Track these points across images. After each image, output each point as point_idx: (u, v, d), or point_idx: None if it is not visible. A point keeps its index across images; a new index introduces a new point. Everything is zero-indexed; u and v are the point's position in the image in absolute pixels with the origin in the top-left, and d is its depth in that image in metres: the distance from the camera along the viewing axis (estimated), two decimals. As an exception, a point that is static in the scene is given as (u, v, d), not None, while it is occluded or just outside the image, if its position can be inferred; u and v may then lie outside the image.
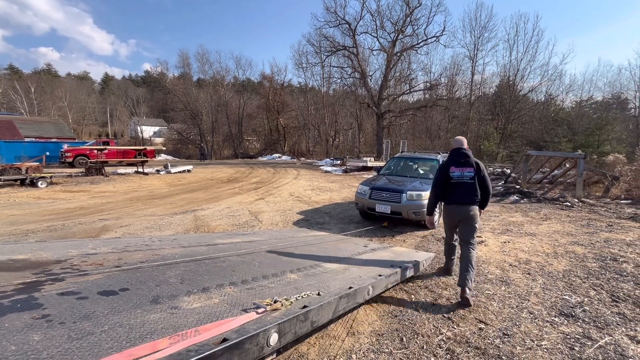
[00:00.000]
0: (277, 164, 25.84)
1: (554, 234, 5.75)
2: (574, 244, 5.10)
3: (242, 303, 1.76)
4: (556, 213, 7.74)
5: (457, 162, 3.46)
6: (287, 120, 42.37)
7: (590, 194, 10.06)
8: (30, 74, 65.17)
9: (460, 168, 3.43)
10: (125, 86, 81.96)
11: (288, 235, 4.64)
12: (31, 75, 62.58)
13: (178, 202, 8.34)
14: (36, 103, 52.36)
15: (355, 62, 27.16)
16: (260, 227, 6.06)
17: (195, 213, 7.10)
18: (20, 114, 44.74)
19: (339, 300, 2.07)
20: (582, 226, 6.37)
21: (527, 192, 10.08)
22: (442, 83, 28.96)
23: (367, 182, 6.63)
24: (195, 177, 14.43)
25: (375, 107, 26.33)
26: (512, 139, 27.61)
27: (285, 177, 15.45)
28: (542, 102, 29.35)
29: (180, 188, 11.07)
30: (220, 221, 6.40)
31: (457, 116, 29.96)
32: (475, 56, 28.58)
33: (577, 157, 9.73)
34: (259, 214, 7.20)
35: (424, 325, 2.75)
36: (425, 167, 7.23)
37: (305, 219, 6.75)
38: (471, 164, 3.43)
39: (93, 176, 13.39)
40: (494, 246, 5.01)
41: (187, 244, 3.17)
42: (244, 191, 10.66)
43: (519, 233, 5.86)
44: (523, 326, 2.73)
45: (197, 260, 2.57)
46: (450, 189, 3.48)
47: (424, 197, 5.68)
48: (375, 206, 5.93)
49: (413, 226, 6.18)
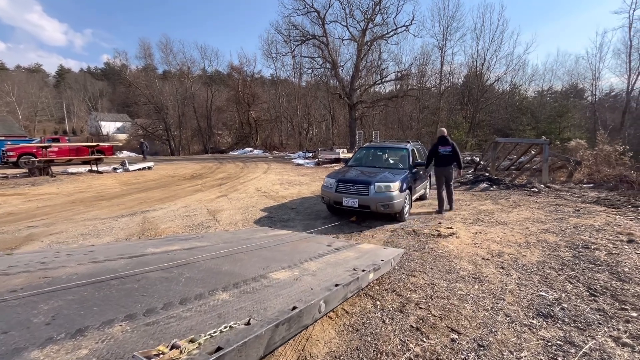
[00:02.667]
0: (248, 158, 24.93)
1: (525, 222, 5.60)
2: (545, 232, 4.94)
3: (124, 353, 1.23)
4: (525, 199, 7.71)
5: (442, 144, 6.28)
6: (258, 113, 41.16)
7: (555, 179, 10.24)
8: (-28, 67, 59.27)
9: (444, 147, 6.27)
10: (84, 79, 76.44)
11: (242, 238, 4.10)
12: (-28, 68, 56.83)
13: (128, 203, 7.51)
14: (-22, 99, 47.64)
15: (326, 51, 26.53)
16: (216, 228, 5.46)
17: (145, 215, 6.36)
18: (-40, 110, 40.57)
19: (275, 329, 1.59)
20: (550, 212, 6.30)
21: (496, 179, 10.10)
22: (412, 73, 28.99)
23: (334, 174, 6.20)
24: (155, 175, 13.41)
25: (347, 98, 25.95)
26: (480, 127, 28.28)
27: (254, 171, 14.75)
28: (507, 92, 30.23)
29: (135, 187, 10.13)
30: (172, 223, 5.73)
31: (427, 106, 30.23)
32: (444, 46, 28.82)
33: (542, 144, 9.82)
34: (218, 212, 6.58)
35: (389, 340, 2.35)
36: (395, 157, 6.89)
37: (269, 217, 6.22)
38: (450, 144, 6.29)
39: (36, 177, 12.07)
40: (465, 238, 4.74)
41: (103, 258, 2.57)
42: (207, 188, 9.92)
43: (490, 222, 5.66)
44: (499, 333, 2.39)
45: (100, 281, 2.00)
46: (438, 159, 6.32)
47: (393, 188, 5.32)
48: (342, 200, 5.50)
49: (383, 220, 5.82)
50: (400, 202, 5.36)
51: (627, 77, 26.08)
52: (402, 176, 5.69)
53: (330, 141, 33.73)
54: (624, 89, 26.79)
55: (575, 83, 32.08)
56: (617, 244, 4.26)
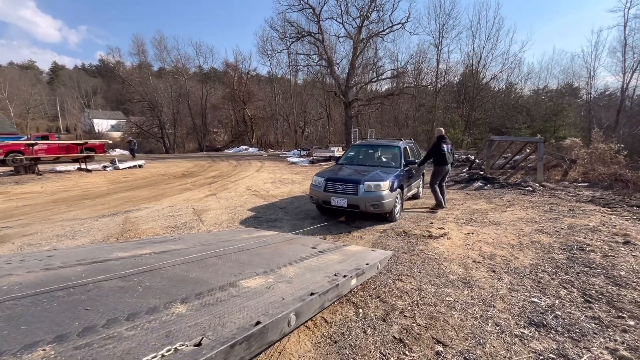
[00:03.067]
0: (243, 156, 24.66)
1: (518, 222, 5.44)
2: (538, 233, 4.78)
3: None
4: (519, 199, 7.56)
5: (445, 142, 6.37)
6: (254, 111, 40.79)
7: (550, 178, 10.12)
8: (-37, 63, 58.35)
9: (446, 145, 6.36)
10: (78, 76, 75.52)
11: (223, 239, 3.90)
12: (-37, 65, 55.92)
13: (112, 202, 7.27)
14: (-31, 95, 46.92)
15: (322, 48, 26.27)
16: (199, 228, 5.25)
17: (128, 214, 6.13)
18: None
19: (230, 350, 1.39)
20: (545, 212, 6.16)
21: (491, 178, 9.96)
22: (408, 71, 28.78)
23: (323, 173, 6.00)
24: (145, 173, 13.13)
25: (343, 96, 25.72)
26: (476, 126, 28.19)
27: (247, 169, 14.52)
28: (503, 90, 30.17)
29: (122, 185, 9.87)
30: (154, 223, 5.51)
31: (423, 104, 30.09)
32: (440, 44, 28.66)
33: (538, 142, 9.69)
34: (205, 212, 6.37)
35: (369, 353, 2.16)
36: (387, 155, 6.71)
37: (256, 217, 6.02)
38: (449, 143, 6.51)
39: (22, 175, 11.77)
40: (457, 239, 4.57)
41: (59, 264, 2.36)
42: (196, 186, 9.69)
43: (483, 222, 5.50)
44: (488, 345, 2.22)
45: (44, 292, 1.79)
46: (442, 157, 6.29)
47: (383, 187, 5.13)
48: (330, 199, 5.31)
49: (373, 220, 5.64)
50: (390, 202, 5.18)
51: (622, 76, 26.05)
52: (393, 175, 5.51)
53: (326, 139, 33.52)
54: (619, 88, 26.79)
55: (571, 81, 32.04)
56: (613, 246, 4.11)
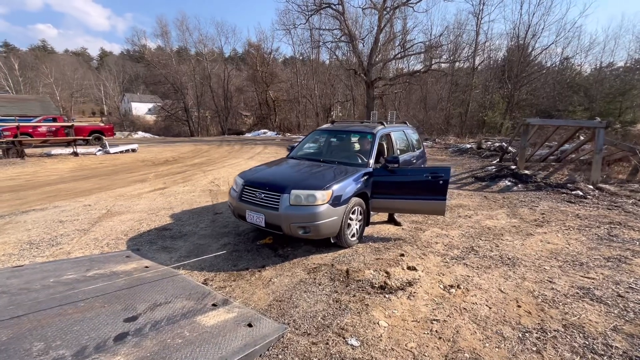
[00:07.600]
0: (254, 140, 23.31)
1: (549, 260, 3.32)
2: (583, 295, 2.67)
3: None
4: (560, 209, 5.25)
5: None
6: (277, 93, 39.23)
7: (610, 177, 7.44)
8: (27, 51, 62.95)
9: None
10: (123, 62, 78.52)
11: (36, 278, 2.34)
12: (26, 53, 60.22)
13: (33, 197, 6.08)
14: (21, 80, 50.37)
15: (342, 22, 23.69)
16: (70, 246, 3.75)
17: (12, 218, 4.84)
18: (6, 92, 42.96)
19: None
20: (599, 239, 3.90)
21: (524, 175, 7.51)
22: (441, 45, 25.15)
23: (252, 170, 4.20)
24: (130, 158, 12.13)
25: (365, 75, 23.19)
26: (519, 108, 24.25)
27: (239, 156, 13.03)
28: (556, 66, 25.60)
29: (83, 174, 8.79)
30: (14, 236, 4.11)
31: (458, 84, 26.46)
32: (480, 11, 24.53)
33: (596, 127, 7.02)
34: (113, 217, 4.89)
35: None
36: (354, 147, 4.71)
37: (165, 228, 4.41)
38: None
39: (8, 158, 11.30)
40: (424, 299, 2.61)
41: None
42: (159, 177, 8.33)
43: (488, 258, 3.43)
44: None
45: None
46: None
47: (318, 199, 3.23)
48: (245, 213, 3.53)
49: (311, 244, 3.78)
50: (332, 223, 3.28)
51: None
52: (348, 179, 3.56)
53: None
54: None
55: (646, 54, 26.37)
56: None
